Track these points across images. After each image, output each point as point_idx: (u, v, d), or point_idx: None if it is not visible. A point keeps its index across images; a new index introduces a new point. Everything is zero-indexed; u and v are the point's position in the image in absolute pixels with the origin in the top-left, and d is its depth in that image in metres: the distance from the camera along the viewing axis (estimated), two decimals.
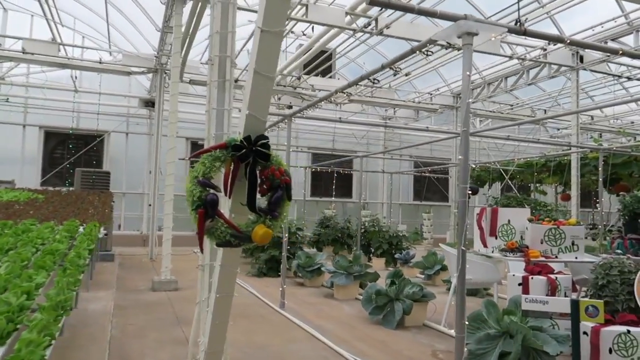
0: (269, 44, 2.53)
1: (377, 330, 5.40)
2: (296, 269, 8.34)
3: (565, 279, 4.86)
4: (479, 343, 4.09)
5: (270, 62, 2.55)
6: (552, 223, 5.18)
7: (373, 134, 18.43)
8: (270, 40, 2.53)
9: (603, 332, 4.21)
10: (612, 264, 4.79)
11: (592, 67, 10.90)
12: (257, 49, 2.54)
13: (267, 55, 2.55)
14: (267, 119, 2.71)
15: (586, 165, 10.88)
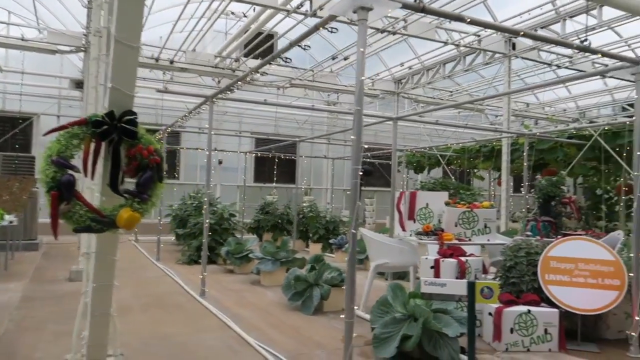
0: (130, 7, 2.31)
1: (294, 317, 5.32)
2: (225, 256, 8.14)
3: (476, 262, 4.93)
4: (385, 327, 4.07)
5: (133, 29, 2.33)
6: (466, 206, 5.23)
7: (317, 119, 18.31)
8: (131, 3, 2.31)
9: (505, 312, 4.29)
10: (520, 246, 4.89)
11: (524, 55, 11.16)
12: (117, 14, 2.31)
13: (129, 21, 2.32)
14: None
15: (516, 150, 11.18)
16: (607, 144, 9.46)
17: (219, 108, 16.35)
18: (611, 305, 4.30)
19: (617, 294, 4.32)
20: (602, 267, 4.45)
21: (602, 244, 4.56)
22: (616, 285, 4.35)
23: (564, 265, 4.54)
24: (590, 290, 4.40)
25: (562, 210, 6.01)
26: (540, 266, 4.60)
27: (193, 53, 11.97)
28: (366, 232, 5.57)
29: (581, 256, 4.54)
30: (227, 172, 16.99)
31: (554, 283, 4.50)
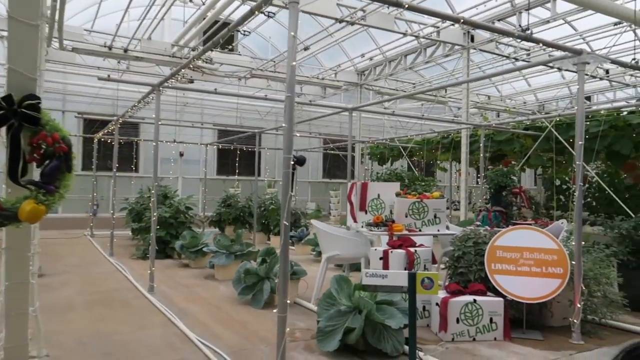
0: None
1: (243, 311, 5.19)
2: (179, 250, 7.92)
3: (425, 252, 4.90)
4: (329, 320, 4.00)
5: (30, 5, 2.14)
6: (416, 197, 5.20)
7: (281, 110, 18.10)
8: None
9: (451, 302, 4.27)
10: (468, 236, 4.88)
11: (483, 47, 11.25)
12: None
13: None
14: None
15: (475, 142, 11.29)
16: (561, 135, 9.62)
17: (180, 99, 15.98)
18: (554, 294, 4.34)
19: (560, 282, 4.36)
20: (546, 255, 4.49)
21: (547, 233, 4.59)
22: (559, 274, 4.39)
23: (509, 255, 4.56)
24: (534, 279, 4.43)
25: (512, 200, 6.06)
26: (487, 256, 4.61)
27: (148, 42, 11.59)
28: (317, 224, 5.48)
29: (526, 245, 4.57)
30: (189, 165, 16.64)
31: (500, 272, 4.51)
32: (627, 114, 9.04)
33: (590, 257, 4.77)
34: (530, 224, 5.67)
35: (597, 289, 4.46)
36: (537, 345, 4.22)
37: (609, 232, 5.64)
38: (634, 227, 5.47)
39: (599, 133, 9.00)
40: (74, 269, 7.47)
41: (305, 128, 18.46)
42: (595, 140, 9.27)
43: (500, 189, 6.09)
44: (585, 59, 4.47)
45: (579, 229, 4.35)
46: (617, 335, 4.58)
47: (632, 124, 8.58)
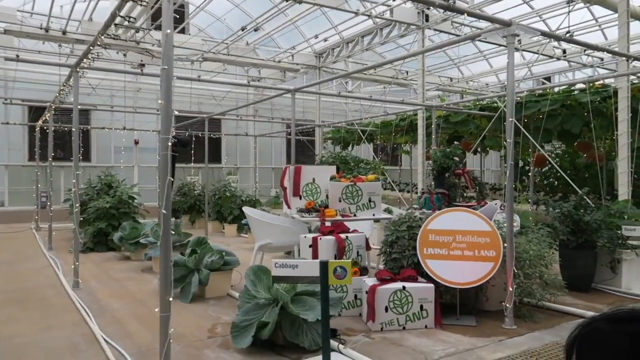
0: None
1: None
2: (118, 242, 7.53)
3: (357, 238, 4.66)
4: (246, 314, 3.73)
5: None
6: (350, 180, 4.94)
7: (242, 95, 17.64)
8: None
9: (379, 290, 4.05)
10: (403, 220, 4.66)
11: (438, 27, 11.03)
12: None
13: None
14: None
15: (431, 124, 11.12)
16: (514, 115, 9.50)
17: (133, 84, 15.36)
18: (486, 278, 4.16)
19: (493, 266, 4.18)
20: (478, 238, 4.29)
21: (480, 215, 4.40)
22: (491, 257, 4.21)
23: (442, 238, 4.36)
24: (466, 262, 4.24)
25: (455, 182, 5.87)
26: (419, 240, 4.40)
27: (89, 23, 10.97)
28: (248, 211, 5.19)
29: (459, 228, 4.36)
30: (145, 153, 16.08)
31: (431, 257, 4.31)
32: (579, 93, 8.97)
33: (527, 238, 4.61)
34: (472, 205, 5.48)
35: (532, 271, 4.30)
36: (469, 331, 4.04)
37: (551, 212, 5.51)
38: (575, 206, 5.34)
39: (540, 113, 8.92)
40: (1, 266, 7.01)
41: (266, 113, 18.05)
42: (550, 120, 9.21)
43: (443, 171, 5.88)
44: (514, 31, 4.25)
45: (510, 210, 4.16)
46: (553, 317, 4.45)
47: (582, 102, 8.50)
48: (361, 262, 4.65)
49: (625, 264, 5.35)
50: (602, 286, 5.47)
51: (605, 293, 5.35)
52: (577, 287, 5.39)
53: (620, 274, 5.37)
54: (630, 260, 5.37)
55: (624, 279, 5.37)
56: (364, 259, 4.70)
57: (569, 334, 0.78)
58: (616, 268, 5.35)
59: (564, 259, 5.42)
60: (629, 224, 5.42)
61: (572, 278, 5.41)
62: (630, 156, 7.32)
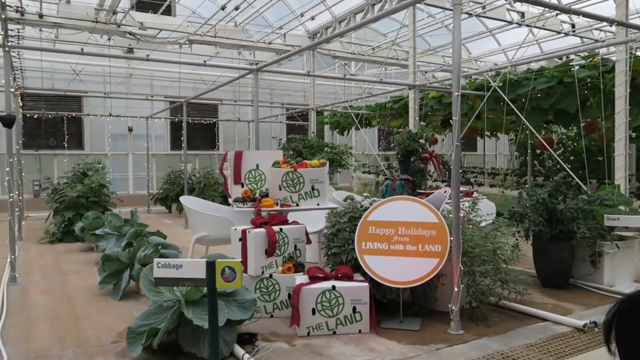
0: None
1: (96, 304, 4.51)
2: (80, 233, 7.22)
3: (294, 231, 4.18)
4: (147, 318, 3.32)
5: None
6: (290, 166, 4.46)
7: (241, 80, 17.19)
8: None
9: (304, 291, 3.59)
10: (345, 211, 4.17)
11: (429, 1, 10.33)
12: None
13: None
14: None
15: (425, 105, 10.49)
16: (509, 94, 8.83)
17: (125, 70, 15.05)
18: (429, 276, 3.64)
19: (438, 262, 3.66)
20: (423, 231, 3.78)
21: (427, 204, 3.88)
22: (437, 252, 3.69)
23: (383, 231, 3.85)
24: (409, 259, 3.73)
25: (421, 167, 5.33)
26: (358, 233, 3.90)
27: (67, 5, 10.63)
28: (184, 200, 4.76)
29: (402, 219, 3.85)
30: (139, 140, 15.81)
31: (370, 252, 3.82)
32: (579, 68, 8.22)
33: (484, 230, 4.08)
34: (431, 193, 4.95)
35: (486, 268, 3.77)
36: (406, 337, 3.55)
37: (525, 199, 4.94)
38: (550, 193, 4.75)
39: (536, 92, 8.22)
40: None
41: (265, 97, 17.56)
42: (546, 99, 8.52)
43: (409, 155, 5.35)
44: None
45: (455, 197, 3.61)
46: (511, 320, 3.91)
47: (580, 79, 7.77)
48: (299, 257, 4.18)
49: (607, 257, 4.76)
50: (581, 282, 4.89)
51: (584, 290, 4.77)
52: (552, 284, 4.84)
53: (601, 269, 4.78)
54: (613, 253, 4.77)
55: (606, 274, 4.78)
56: (303, 254, 4.23)
57: (608, 310, 0.77)
58: (597, 262, 4.76)
59: (538, 252, 4.86)
60: (612, 212, 4.81)
61: (547, 273, 4.86)
62: (633, 136, 6.65)
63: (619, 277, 4.85)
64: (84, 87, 14.36)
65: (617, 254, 4.80)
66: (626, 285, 4.80)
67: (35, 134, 14.21)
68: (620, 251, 4.82)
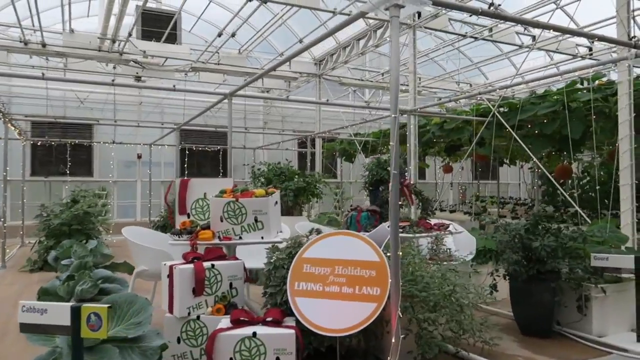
0: None
1: (25, 344, 4.20)
2: (52, 263, 7.00)
3: (229, 267, 3.79)
4: None
5: None
6: (233, 195, 4.11)
7: (252, 107, 17.18)
8: None
9: (221, 337, 3.18)
10: (288, 246, 3.77)
11: (431, 25, 9.98)
12: None
13: None
14: None
15: (426, 132, 10.04)
16: (511, 119, 8.31)
17: (135, 98, 15.24)
18: (365, 323, 3.17)
19: (375, 307, 3.19)
20: (362, 270, 3.33)
21: (369, 241, 3.43)
22: (375, 296, 3.23)
23: (318, 270, 3.42)
24: (344, 302, 3.28)
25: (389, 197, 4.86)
26: (292, 271, 3.48)
27: (71, 35, 10.79)
28: (125, 231, 4.46)
29: (340, 257, 3.42)
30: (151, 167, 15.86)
31: (303, 294, 3.38)
32: (579, 92, 7.66)
33: (439, 270, 3.59)
34: (404, 226, 4.49)
35: (436, 314, 3.27)
36: None
37: (500, 235, 4.41)
38: (526, 229, 4.22)
39: (540, 117, 7.67)
40: None
41: (276, 125, 17.42)
42: (550, 124, 7.96)
43: (378, 184, 4.92)
44: (397, 1, 3.31)
45: (394, 233, 3.16)
46: None
47: (584, 102, 7.21)
48: (234, 296, 3.78)
49: (595, 302, 4.16)
50: (567, 330, 4.29)
51: (569, 340, 4.17)
52: (532, 331, 4.25)
53: (589, 316, 4.18)
54: (603, 298, 4.17)
55: (595, 322, 4.17)
56: (241, 293, 3.83)
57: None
58: (583, 308, 4.16)
59: (515, 295, 4.31)
60: (602, 251, 4.23)
61: (526, 319, 4.29)
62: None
63: (612, 326, 4.23)
64: (94, 114, 14.58)
65: (609, 298, 4.20)
66: (620, 336, 4.17)
67: (45, 160, 14.41)
68: (612, 295, 4.22)
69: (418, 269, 3.57)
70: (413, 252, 3.67)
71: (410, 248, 3.80)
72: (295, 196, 6.70)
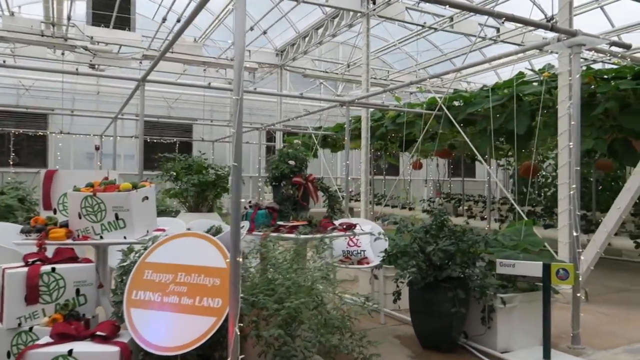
0: None
1: None
2: None
3: (76, 271, 3.30)
4: None
5: None
6: (91, 189, 3.63)
7: (218, 99, 16.69)
8: None
9: (31, 355, 2.71)
10: (144, 246, 3.29)
11: (389, 14, 9.52)
12: None
13: None
14: None
15: (379, 126, 9.61)
16: (460, 114, 7.90)
17: (93, 87, 14.71)
18: (200, 341, 2.72)
19: (214, 322, 2.74)
20: (206, 278, 2.88)
21: (219, 244, 2.98)
22: (215, 309, 2.77)
23: (160, 277, 2.96)
24: (183, 315, 2.83)
25: (290, 194, 4.42)
26: (132, 278, 3.02)
27: (12, 18, 10.24)
28: None
29: (185, 262, 2.96)
30: (109, 159, 15.33)
31: (140, 304, 2.92)
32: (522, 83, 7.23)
33: (309, 276, 3.14)
34: (297, 225, 4.03)
35: (274, 333, 2.80)
36: None
37: (401, 239, 3.97)
38: (426, 231, 3.79)
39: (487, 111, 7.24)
40: None
41: (245, 118, 16.92)
42: (496, 119, 7.55)
43: (281, 178, 4.47)
44: None
45: (235, 235, 2.70)
46: None
47: (528, 95, 6.78)
48: (82, 304, 3.31)
49: (500, 314, 3.73)
50: (472, 344, 3.86)
51: (470, 355, 3.74)
52: (433, 345, 3.82)
53: (494, 329, 3.75)
54: (510, 308, 3.75)
55: (500, 335, 3.75)
56: (91, 301, 3.36)
57: None
58: (487, 320, 3.74)
59: (413, 304, 3.87)
60: (510, 256, 3.81)
61: (426, 331, 3.86)
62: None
63: (519, 340, 3.80)
64: (51, 104, 14.03)
65: (516, 309, 3.78)
66: (526, 351, 3.76)
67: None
68: (521, 306, 3.80)
69: (284, 275, 3.12)
70: (277, 256, 3.21)
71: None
72: (201, 191, 6.22)
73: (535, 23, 4.10)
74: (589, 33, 3.87)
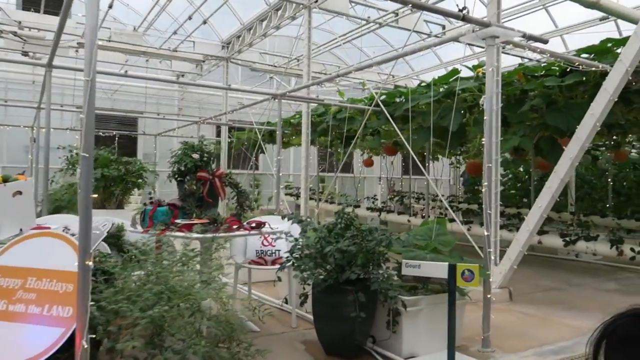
0: None
1: None
2: None
3: None
4: None
5: None
6: None
7: (165, 92, 16.09)
8: None
9: None
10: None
11: (331, 8, 9.29)
12: None
13: None
14: None
15: (322, 122, 9.40)
16: (398, 109, 7.76)
17: (27, 77, 13.89)
18: (45, 355, 2.40)
19: (62, 334, 2.43)
20: (58, 284, 2.56)
21: (76, 245, 2.65)
22: (65, 318, 2.46)
23: (7, 282, 2.62)
24: (29, 326, 2.49)
25: (194, 190, 4.11)
26: None
27: None
28: None
29: (37, 265, 2.63)
30: (55, 154, 14.53)
31: None
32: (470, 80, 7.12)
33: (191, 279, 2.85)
34: (195, 223, 3.74)
35: (128, 344, 2.49)
36: None
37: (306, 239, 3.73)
38: (329, 230, 3.56)
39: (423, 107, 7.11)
40: None
41: (193, 112, 16.41)
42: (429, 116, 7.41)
43: (186, 173, 4.16)
44: None
45: (85, 233, 2.39)
46: None
47: (461, 91, 6.68)
48: None
49: (406, 318, 3.54)
50: (379, 349, 3.66)
51: None
52: (336, 351, 3.61)
53: (399, 333, 3.56)
54: (416, 312, 3.57)
55: (406, 340, 3.56)
56: None
57: (593, 333, 0.88)
58: (391, 324, 3.55)
59: (316, 307, 3.64)
60: (417, 257, 3.62)
61: (329, 336, 3.64)
62: None
63: (427, 344, 3.63)
64: None
65: (423, 313, 3.60)
66: (432, 357, 3.59)
67: None
68: (428, 309, 3.63)
69: (162, 279, 2.82)
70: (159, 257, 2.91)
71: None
72: (106, 186, 5.84)
73: (447, 12, 3.93)
74: (503, 25, 3.72)
